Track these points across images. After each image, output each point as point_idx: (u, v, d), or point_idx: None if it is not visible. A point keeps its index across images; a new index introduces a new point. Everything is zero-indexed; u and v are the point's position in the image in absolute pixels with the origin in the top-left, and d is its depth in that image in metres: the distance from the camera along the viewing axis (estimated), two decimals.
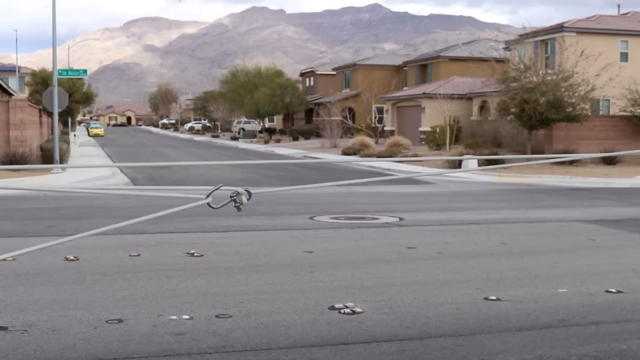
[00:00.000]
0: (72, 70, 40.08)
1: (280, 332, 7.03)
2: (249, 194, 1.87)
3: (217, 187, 1.98)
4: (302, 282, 9.27)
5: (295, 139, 71.01)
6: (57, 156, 30.99)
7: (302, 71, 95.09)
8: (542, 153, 37.11)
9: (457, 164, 32.29)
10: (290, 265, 10.33)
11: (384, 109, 63.31)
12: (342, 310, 7.77)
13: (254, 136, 79.30)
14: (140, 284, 9.01)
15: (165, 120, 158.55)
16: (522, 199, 21.34)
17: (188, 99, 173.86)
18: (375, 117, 63.37)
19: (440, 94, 49.27)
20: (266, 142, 69.14)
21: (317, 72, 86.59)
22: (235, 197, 1.86)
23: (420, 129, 54.35)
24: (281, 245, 12.17)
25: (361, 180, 15.76)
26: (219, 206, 1.85)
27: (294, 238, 13.06)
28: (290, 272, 9.81)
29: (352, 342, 6.78)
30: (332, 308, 7.87)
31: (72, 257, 10.62)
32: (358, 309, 7.81)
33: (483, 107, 51.28)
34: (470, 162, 31.21)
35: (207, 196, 1.97)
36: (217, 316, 7.53)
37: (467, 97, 52.21)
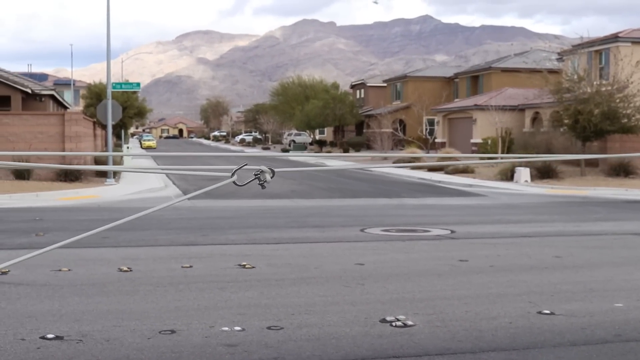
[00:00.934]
0: (126, 83, 40.69)
1: (331, 344, 7.02)
2: (273, 172, 1.88)
3: (241, 165, 2.00)
4: (353, 294, 9.26)
5: (346, 151, 71.05)
6: (110, 165, 31.42)
7: (353, 83, 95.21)
8: (597, 165, 36.57)
9: (510, 176, 32.02)
10: (341, 277, 10.32)
11: (435, 121, 63.04)
12: (393, 323, 7.73)
13: (305, 148, 79.53)
14: (193, 295, 9.08)
15: (216, 133, 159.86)
16: (575, 211, 21.05)
17: (239, 111, 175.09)
18: (426, 129, 63.12)
19: (491, 106, 48.89)
20: (317, 154, 69.25)
21: (368, 84, 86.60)
22: (259, 175, 1.87)
23: (472, 140, 53.99)
24: (332, 258, 12.17)
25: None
26: (243, 183, 1.87)
27: (345, 250, 13.05)
28: (341, 285, 9.80)
29: (404, 355, 6.74)
30: (384, 321, 7.84)
31: (125, 268, 10.75)
32: (409, 322, 7.77)
33: (535, 119, 50.75)
34: (523, 174, 30.90)
35: (232, 174, 1.97)
36: (269, 328, 7.55)
37: (519, 109, 51.74)
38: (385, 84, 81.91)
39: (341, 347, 6.95)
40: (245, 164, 2.03)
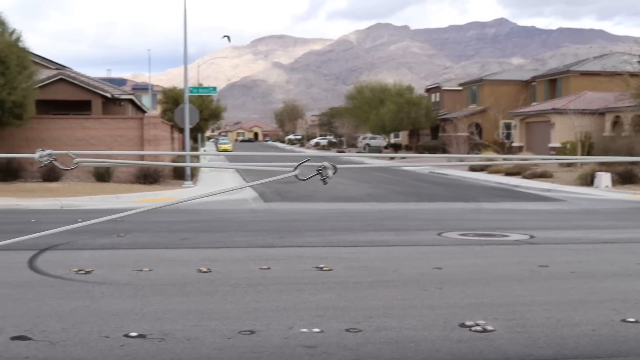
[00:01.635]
0: (202, 87, 41.31)
1: (410, 348, 6.99)
2: (335, 168, 1.89)
3: (304, 160, 2.01)
4: (431, 298, 9.20)
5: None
6: (188, 171, 31.90)
7: (428, 87, 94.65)
8: None
9: (590, 181, 31.39)
10: (419, 281, 10.26)
11: (512, 125, 62.19)
12: (472, 328, 7.65)
13: (380, 152, 79.41)
14: (271, 297, 9.15)
15: (291, 136, 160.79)
16: None
17: (314, 115, 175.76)
18: (502, 133, 62.31)
19: (570, 110, 48.00)
20: (391, 158, 68.99)
21: (443, 88, 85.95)
22: (321, 171, 1.89)
23: (550, 145, 53.08)
24: (410, 261, 12.11)
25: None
26: (306, 178, 1.89)
27: (422, 254, 12.98)
28: (419, 288, 9.75)
29: None
30: (463, 325, 7.76)
31: (205, 269, 10.90)
32: (489, 327, 7.67)
33: (616, 123, 49.62)
34: (603, 179, 30.25)
35: (295, 168, 1.99)
36: (347, 330, 7.56)
37: (599, 113, 50.65)
38: (460, 88, 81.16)
39: (420, 350, 6.91)
40: (308, 159, 2.05)
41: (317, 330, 7.55)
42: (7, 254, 12.18)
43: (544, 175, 36.89)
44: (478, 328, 7.65)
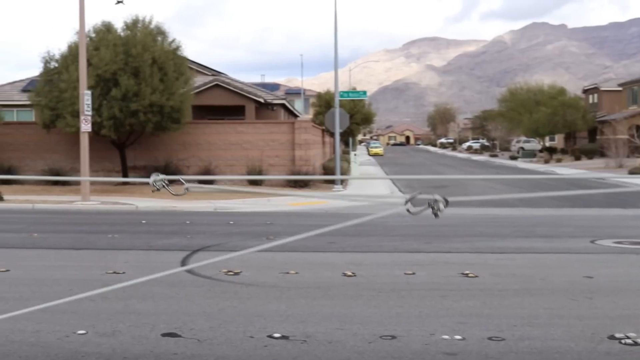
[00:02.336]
0: (353, 92, 41.60)
1: (554, 359, 6.79)
2: (446, 201, 1.88)
3: (414, 194, 2.01)
4: (580, 308, 8.91)
5: (578, 158, 68.41)
6: (338, 174, 32.26)
7: (585, 88, 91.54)
8: None
9: None
10: (568, 290, 9.96)
11: None
12: (622, 341, 7.35)
13: (534, 155, 77.49)
14: (414, 302, 9.13)
15: (443, 140, 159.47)
16: None
17: (466, 118, 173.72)
18: None
19: None
20: (546, 161, 67.29)
21: (601, 89, 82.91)
22: (432, 205, 1.88)
23: None
24: (559, 269, 11.77)
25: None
26: (416, 212, 1.88)
27: (573, 262, 12.58)
28: (567, 297, 9.46)
29: None
30: (612, 337, 7.47)
31: (349, 273, 11.00)
32: None
33: None
34: None
35: (406, 202, 2.00)
36: (490, 338, 7.44)
37: None
38: (620, 88, 78.03)
39: None
40: (419, 192, 2.06)
41: (458, 337, 7.47)
42: (163, 254, 12.74)
43: None
44: (629, 341, 7.34)
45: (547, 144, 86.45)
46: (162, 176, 1.86)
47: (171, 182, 2.63)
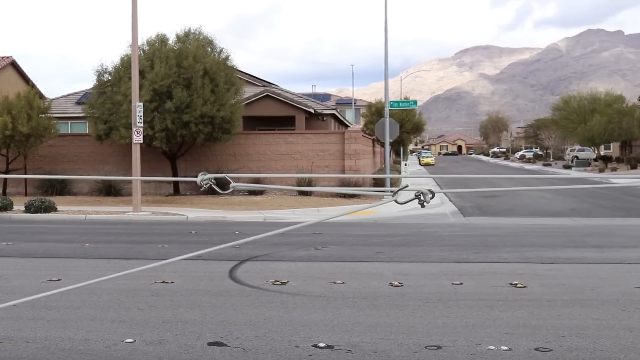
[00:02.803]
0: (403, 101, 41.51)
1: None
2: (432, 193, 1.91)
3: (402, 187, 2.04)
4: (631, 319, 8.75)
5: (634, 167, 67.23)
6: (388, 185, 32.19)
7: None
8: None
9: None
10: (618, 301, 9.79)
11: None
12: None
13: (588, 164, 76.37)
14: (461, 312, 9.06)
15: (495, 149, 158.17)
16: None
17: (519, 127, 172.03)
18: None
19: None
20: (601, 170, 66.27)
21: None
22: (419, 196, 1.92)
23: None
24: (610, 280, 11.57)
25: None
26: (404, 201, 1.92)
27: (625, 272, 12.35)
28: (618, 308, 9.29)
29: None
30: None
31: (396, 283, 10.96)
32: None
33: None
34: None
35: (394, 194, 2.03)
36: (537, 349, 7.34)
37: None
38: None
39: None
40: (407, 186, 2.09)
41: (505, 348, 7.40)
42: (211, 263, 12.84)
43: None
44: None
45: (602, 152, 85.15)
46: (209, 175, 1.91)
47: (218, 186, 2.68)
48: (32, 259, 13.90)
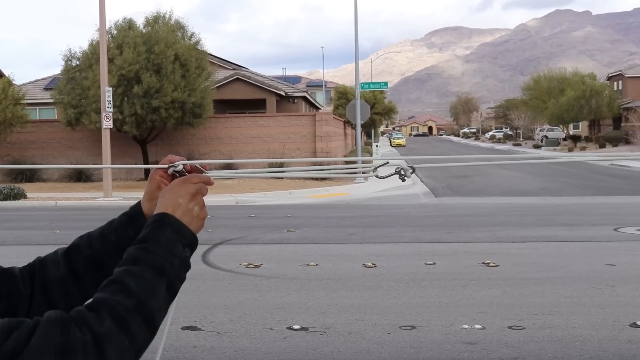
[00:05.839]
0: (374, 83, 41.50)
1: (575, 347, 6.75)
2: (413, 169, 1.93)
3: (384, 163, 2.05)
4: (601, 296, 8.84)
5: (602, 146, 67.88)
6: (360, 167, 32.19)
7: (610, 74, 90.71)
8: None
9: None
10: (589, 278, 9.89)
11: None
12: None
13: (558, 144, 76.98)
14: (435, 292, 9.11)
15: (466, 130, 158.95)
16: None
17: (489, 108, 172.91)
18: None
19: None
20: (570, 149, 66.86)
21: (626, 75, 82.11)
22: (400, 170, 1.93)
23: None
24: (581, 257, 11.68)
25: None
26: (384, 176, 1.93)
27: (595, 250, 12.48)
28: (589, 286, 9.39)
29: None
30: (634, 325, 7.42)
31: (370, 264, 10.99)
32: None
33: None
34: None
35: (374, 169, 2.05)
36: (510, 327, 7.41)
37: None
38: None
39: (585, 350, 6.67)
40: (387, 162, 2.09)
41: (478, 326, 7.45)
42: None
43: None
44: None
45: (571, 132, 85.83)
46: (178, 163, 1.88)
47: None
48: (2, 246, 13.75)
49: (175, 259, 1.67)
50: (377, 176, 2.13)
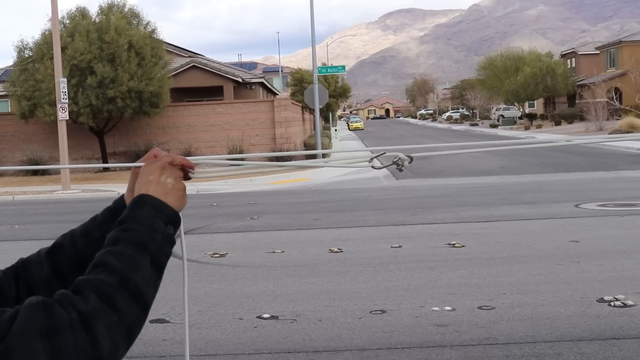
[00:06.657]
0: (331, 67, 41.45)
1: (545, 324, 6.78)
2: (411, 158, 1.89)
3: (380, 153, 2.01)
4: (567, 272, 8.90)
5: (558, 123, 68.63)
6: (319, 150, 32.18)
7: (563, 52, 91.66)
8: None
9: None
10: (555, 255, 9.95)
11: None
12: (612, 303, 7.35)
13: (514, 123, 77.65)
14: (403, 275, 9.09)
15: (423, 111, 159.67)
16: None
17: (445, 88, 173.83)
18: None
19: None
20: (527, 128, 67.47)
21: (579, 53, 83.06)
22: (397, 161, 1.89)
23: None
24: (545, 235, 11.76)
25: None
26: (381, 167, 1.89)
27: (559, 227, 12.57)
28: (555, 263, 9.45)
29: (624, 337, 6.39)
30: (601, 300, 7.47)
31: (336, 249, 10.95)
32: (630, 302, 7.35)
33: None
34: None
35: (370, 160, 2.00)
36: (480, 308, 7.42)
37: None
38: (598, 52, 78.21)
39: (555, 327, 6.70)
40: (384, 152, 2.04)
41: (448, 308, 7.45)
42: None
43: None
44: (618, 303, 7.34)
45: (527, 110, 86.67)
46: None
47: None
48: None
49: (157, 234, 1.62)
50: (373, 167, 2.06)
